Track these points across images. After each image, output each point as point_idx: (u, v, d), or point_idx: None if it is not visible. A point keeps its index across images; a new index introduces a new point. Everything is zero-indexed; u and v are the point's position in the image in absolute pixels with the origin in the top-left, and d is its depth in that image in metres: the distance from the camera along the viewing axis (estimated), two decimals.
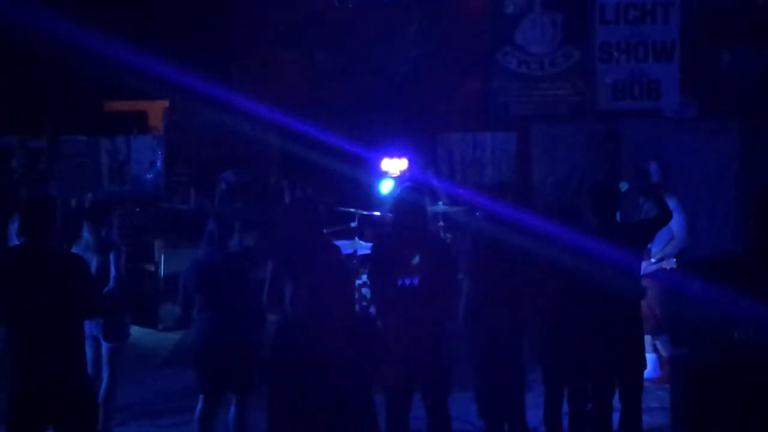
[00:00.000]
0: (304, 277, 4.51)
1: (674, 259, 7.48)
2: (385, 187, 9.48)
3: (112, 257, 6.35)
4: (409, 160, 9.62)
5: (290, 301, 5.47)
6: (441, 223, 8.97)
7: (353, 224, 9.07)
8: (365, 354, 4.27)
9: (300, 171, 10.70)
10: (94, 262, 6.28)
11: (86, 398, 5.06)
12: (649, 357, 7.86)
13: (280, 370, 4.33)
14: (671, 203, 7.64)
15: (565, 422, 6.13)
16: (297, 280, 5.31)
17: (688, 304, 5.83)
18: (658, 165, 7.89)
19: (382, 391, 5.73)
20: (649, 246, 7.43)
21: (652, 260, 7.48)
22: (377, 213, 9.16)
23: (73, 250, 6.33)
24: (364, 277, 7.99)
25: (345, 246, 8.23)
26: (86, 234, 6.42)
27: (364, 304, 7.93)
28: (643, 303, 7.46)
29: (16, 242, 5.71)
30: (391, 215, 8.33)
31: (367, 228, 9.35)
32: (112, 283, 6.32)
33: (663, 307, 7.50)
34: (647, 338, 7.82)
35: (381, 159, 9.66)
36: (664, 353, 7.73)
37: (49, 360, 4.84)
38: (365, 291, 7.96)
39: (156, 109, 12.23)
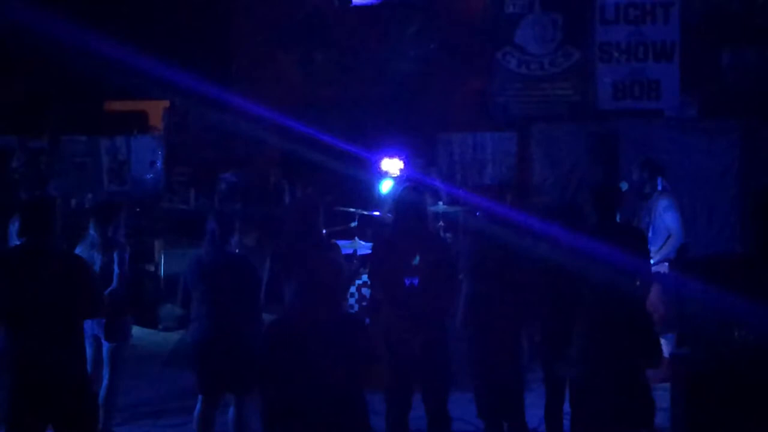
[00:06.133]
0: (295, 276, 4.52)
1: (666, 264, 7.49)
2: (385, 187, 9.49)
3: (116, 256, 6.37)
4: (405, 161, 9.63)
5: (288, 301, 5.49)
6: (441, 223, 8.98)
7: (353, 224, 9.07)
8: (352, 353, 4.27)
9: (300, 171, 10.70)
10: (98, 261, 6.30)
11: (86, 398, 5.06)
12: None
13: (268, 370, 4.33)
14: (664, 202, 7.67)
15: (566, 422, 6.13)
16: (291, 279, 5.33)
17: (688, 304, 5.84)
18: (641, 165, 7.88)
19: (382, 391, 5.75)
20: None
21: (651, 261, 7.48)
22: (377, 213, 9.17)
23: (78, 248, 6.35)
24: (365, 277, 8.00)
25: (345, 246, 8.23)
26: (92, 232, 6.44)
27: (364, 304, 7.94)
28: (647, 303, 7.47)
29: (16, 242, 5.71)
30: (390, 215, 8.34)
31: (367, 228, 9.35)
32: (115, 282, 6.34)
33: (668, 306, 7.49)
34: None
35: (381, 159, 9.66)
36: (665, 353, 7.72)
37: (49, 359, 4.84)
38: (365, 291, 7.96)
39: (156, 109, 12.24)
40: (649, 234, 7.54)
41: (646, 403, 5.51)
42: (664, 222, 7.62)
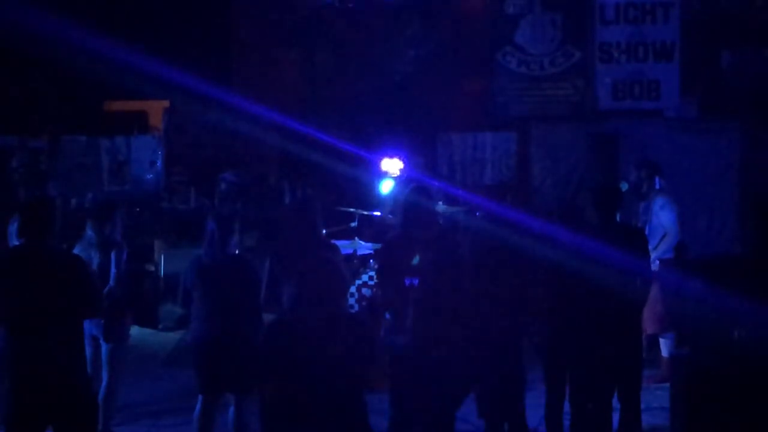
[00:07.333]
0: (294, 276, 4.52)
1: (657, 261, 7.51)
2: (385, 187, 9.49)
3: (113, 256, 6.37)
4: (405, 161, 9.63)
5: (287, 301, 5.47)
6: (440, 223, 8.96)
7: (353, 224, 9.07)
8: (352, 353, 4.27)
9: (300, 171, 10.69)
10: (95, 260, 6.30)
11: (86, 398, 5.06)
12: None
13: (268, 370, 4.33)
14: (660, 200, 7.69)
15: (566, 422, 6.13)
16: (291, 280, 5.33)
17: (688, 304, 5.84)
18: (638, 165, 7.90)
19: (383, 391, 5.74)
20: None
21: None
22: (377, 213, 9.17)
23: (76, 248, 6.35)
24: (365, 277, 8.00)
25: (345, 246, 8.23)
26: (89, 231, 6.44)
27: (364, 304, 7.93)
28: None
29: (16, 242, 5.71)
30: (391, 216, 8.33)
31: (367, 228, 9.35)
32: (112, 281, 6.35)
33: (668, 306, 7.49)
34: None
35: (381, 159, 9.66)
36: (665, 353, 7.72)
37: (49, 360, 4.84)
38: (365, 291, 7.96)
39: (156, 109, 12.23)
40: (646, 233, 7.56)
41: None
42: (660, 220, 7.64)
